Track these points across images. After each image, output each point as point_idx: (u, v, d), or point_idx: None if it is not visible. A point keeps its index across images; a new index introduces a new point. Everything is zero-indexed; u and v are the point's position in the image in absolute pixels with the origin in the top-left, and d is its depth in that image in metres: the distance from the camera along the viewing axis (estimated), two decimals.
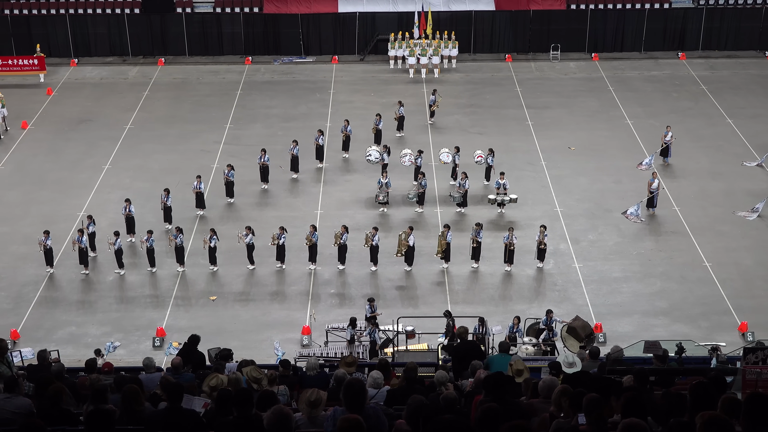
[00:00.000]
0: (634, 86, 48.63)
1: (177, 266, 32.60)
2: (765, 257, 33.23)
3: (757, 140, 41.30)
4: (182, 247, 32.48)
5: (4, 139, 42.68)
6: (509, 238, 32.24)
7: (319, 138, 39.56)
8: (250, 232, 32.49)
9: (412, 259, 32.54)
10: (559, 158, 40.41)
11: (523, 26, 53.14)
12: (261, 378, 15.19)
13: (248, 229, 32.56)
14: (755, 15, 52.87)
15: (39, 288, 31.82)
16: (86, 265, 32.35)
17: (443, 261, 32.69)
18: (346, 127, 40.47)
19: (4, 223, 35.52)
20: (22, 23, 52.61)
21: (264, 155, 37.70)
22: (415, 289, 31.93)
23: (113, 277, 32.36)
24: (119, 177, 39.12)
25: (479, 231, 32.52)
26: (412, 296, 31.43)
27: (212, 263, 32.61)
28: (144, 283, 32.27)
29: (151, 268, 32.52)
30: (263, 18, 53.28)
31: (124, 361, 25.96)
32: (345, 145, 40.48)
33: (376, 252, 32.51)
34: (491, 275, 32.50)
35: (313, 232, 32.42)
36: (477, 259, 32.66)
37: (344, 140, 40.44)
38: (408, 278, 32.35)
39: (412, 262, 32.58)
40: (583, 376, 12.39)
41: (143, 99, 47.44)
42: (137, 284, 32.24)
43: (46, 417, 11.41)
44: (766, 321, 29.25)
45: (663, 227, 35.13)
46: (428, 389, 14.63)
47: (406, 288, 31.90)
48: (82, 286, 32.14)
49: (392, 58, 51.24)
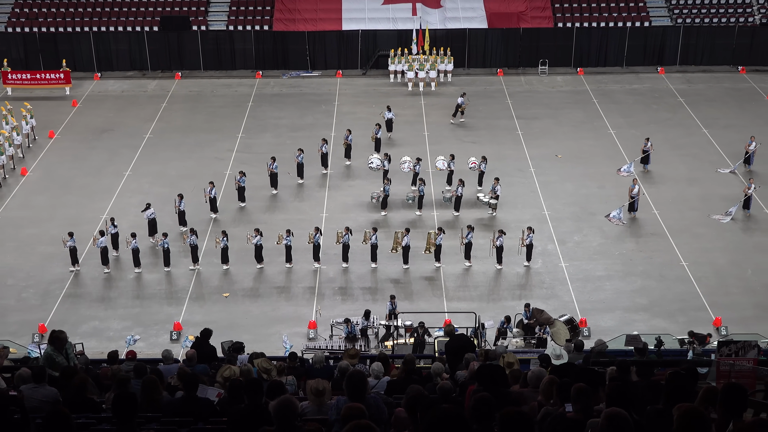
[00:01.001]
0: (617, 98, 48.62)
1: (191, 264, 32.62)
2: (738, 257, 33.22)
3: (731, 149, 41.28)
4: (196, 247, 32.49)
5: (33, 148, 42.67)
6: (496, 238, 32.28)
7: (323, 146, 39.55)
8: (259, 233, 32.49)
9: (407, 258, 32.61)
10: (547, 165, 40.40)
11: (513, 43, 53.13)
12: (270, 369, 15.21)
13: (257, 231, 32.57)
14: (729, 33, 52.89)
15: (65, 285, 31.81)
16: (107, 264, 32.37)
17: (435, 261, 32.69)
18: (348, 137, 40.48)
19: (32, 225, 35.51)
20: (50, 40, 52.63)
21: (273, 163, 37.70)
22: (411, 285, 31.86)
23: (133, 275, 32.37)
24: (139, 182, 39.12)
25: (470, 233, 32.50)
26: (409, 292, 31.31)
27: (224, 262, 32.60)
28: (162, 281, 32.26)
29: (166, 267, 32.51)
30: (272, 35, 53.31)
31: (143, 353, 25.88)
32: (347, 153, 40.47)
33: (375, 251, 32.53)
34: (484, 273, 32.47)
35: (316, 233, 32.42)
36: (469, 258, 32.65)
37: (346, 148, 40.44)
38: (405, 275, 32.33)
39: (407, 261, 32.62)
40: (569, 368, 12.39)
41: (161, 110, 47.44)
42: (155, 282, 32.22)
43: (72, 405, 11.40)
44: (739, 316, 29.26)
45: (643, 229, 35.13)
46: (425, 380, 14.62)
47: (403, 284, 31.83)
48: (105, 283, 32.13)
49: (392, 73, 51.22)
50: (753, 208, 35.95)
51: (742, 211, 35.74)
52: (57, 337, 15.16)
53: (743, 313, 29.64)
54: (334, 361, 19.11)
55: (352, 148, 40.42)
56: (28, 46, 52.37)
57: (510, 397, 10.80)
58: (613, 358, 17.84)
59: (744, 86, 50.21)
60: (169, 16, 53.72)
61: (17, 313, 30.26)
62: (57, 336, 15.16)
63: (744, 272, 32.29)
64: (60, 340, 15.16)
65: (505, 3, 53.87)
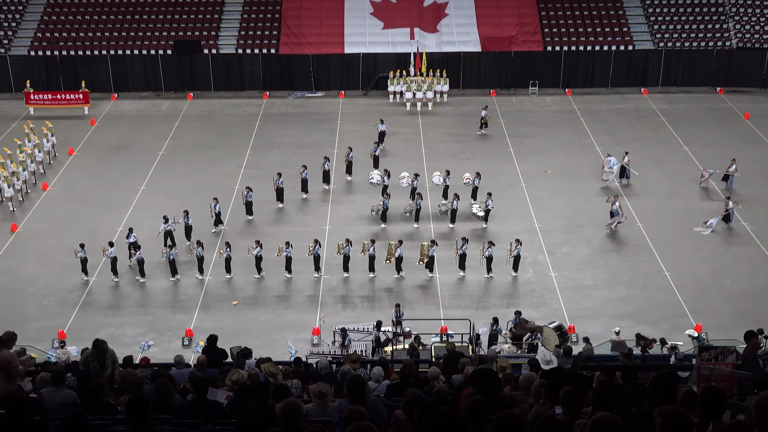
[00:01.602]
0: (603, 118, 48.69)
1: (197, 274, 32.59)
2: (717, 267, 33.22)
3: (710, 165, 41.25)
4: (202, 258, 32.47)
5: (54, 164, 42.70)
6: (486, 249, 32.29)
7: (325, 164, 39.56)
8: (259, 245, 32.48)
9: (400, 268, 32.62)
10: (537, 180, 40.43)
11: (505, 65, 53.23)
12: (277, 373, 15.20)
13: (257, 243, 32.56)
14: (707, 56, 53.02)
15: (83, 294, 31.81)
16: (116, 274, 32.32)
17: (428, 270, 32.66)
18: (349, 154, 40.54)
19: (52, 236, 35.50)
20: (70, 63, 52.73)
21: (279, 178, 37.74)
22: (407, 293, 31.78)
23: (147, 284, 32.34)
24: (153, 197, 39.14)
25: (464, 244, 32.50)
26: (406, 300, 31.18)
27: (227, 272, 32.57)
28: (174, 290, 32.23)
29: (172, 277, 32.48)
30: (279, 58, 53.42)
31: (157, 358, 25.81)
32: (348, 169, 40.52)
33: (372, 261, 32.53)
34: (477, 283, 32.45)
35: (315, 245, 32.38)
36: (463, 268, 32.63)
37: (347, 165, 40.49)
38: (401, 284, 32.29)
39: (400, 271, 32.61)
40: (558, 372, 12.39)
41: (174, 129, 47.50)
42: (168, 291, 32.20)
43: (89, 407, 11.40)
44: (718, 323, 29.19)
45: (628, 241, 35.12)
46: (423, 383, 14.61)
47: (398, 293, 31.74)
48: (121, 292, 32.11)
49: (391, 93, 51.30)
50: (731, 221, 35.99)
51: (722, 223, 35.75)
52: (98, 346, 15.68)
53: (722, 320, 29.58)
54: (337, 365, 19.10)
55: (353, 165, 40.47)
56: (49, 69, 52.46)
57: (502, 399, 10.79)
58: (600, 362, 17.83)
59: (722, 106, 50.29)
60: (182, 40, 53.86)
61: (38, 320, 30.22)
62: (98, 345, 15.66)
63: (723, 281, 32.27)
64: (99, 350, 15.63)
65: (497, 28, 54.03)
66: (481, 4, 55.07)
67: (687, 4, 55.83)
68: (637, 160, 41.06)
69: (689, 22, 54.99)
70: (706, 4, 55.86)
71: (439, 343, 26.47)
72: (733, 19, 55.04)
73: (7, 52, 53.36)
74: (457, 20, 54.41)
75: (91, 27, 54.85)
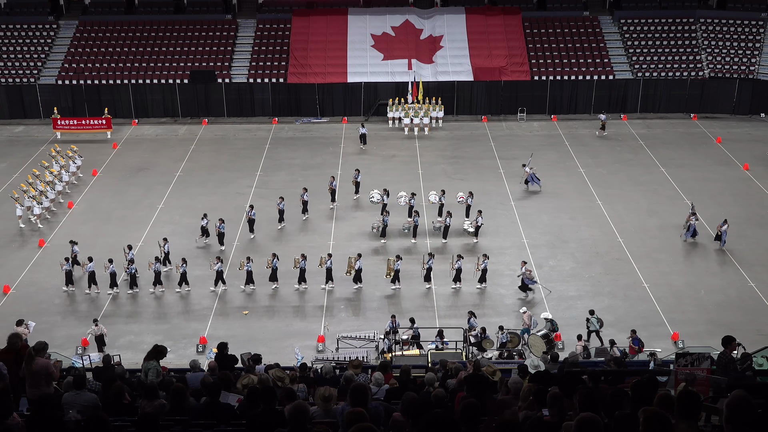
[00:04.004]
0: (586, 141, 48.75)
1: (212, 286, 32.51)
2: (692, 279, 33.15)
3: (686, 185, 41.42)
4: (221, 272, 32.38)
5: (78, 184, 42.72)
6: (481, 262, 32.25)
7: (333, 183, 39.57)
8: (275, 257, 32.40)
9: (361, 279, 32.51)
10: (525, 199, 40.41)
11: (496, 93, 53.34)
12: (284, 377, 15.12)
13: (274, 255, 32.49)
14: (682, 85, 53.15)
15: (104, 304, 31.73)
16: (135, 285, 32.23)
17: (392, 283, 32.40)
18: (357, 176, 40.53)
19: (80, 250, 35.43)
20: (94, 91, 52.84)
21: (281, 201, 37.44)
22: (403, 303, 31.71)
23: (161, 295, 32.27)
24: (171, 214, 39.12)
25: (459, 260, 32.44)
26: (404, 310, 31.05)
27: (248, 283, 32.42)
28: (189, 300, 32.16)
29: (178, 288, 32.33)
30: (287, 87, 53.54)
31: (173, 363, 25.75)
32: (357, 190, 40.46)
33: (359, 274, 32.38)
34: (471, 294, 32.36)
35: (329, 259, 32.27)
36: (458, 281, 32.55)
37: (355, 186, 40.41)
38: (398, 295, 32.19)
39: (360, 281, 32.48)
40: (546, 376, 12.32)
41: (190, 152, 47.55)
42: (184, 301, 32.12)
43: (110, 410, 11.34)
44: (694, 331, 29.13)
45: (609, 255, 35.07)
46: (419, 387, 14.54)
47: (396, 302, 31.69)
48: (139, 302, 32.01)
49: (390, 119, 51.38)
50: (701, 238, 35.94)
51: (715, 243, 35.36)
52: (160, 351, 15.78)
53: (697, 328, 29.51)
54: (340, 370, 19.01)
55: (360, 185, 40.46)
56: (75, 96, 52.58)
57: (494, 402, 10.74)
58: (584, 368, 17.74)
59: (696, 131, 50.36)
60: (198, 70, 54.01)
61: (63, 328, 30.13)
62: (160, 350, 15.77)
63: (698, 293, 32.19)
64: (161, 354, 15.72)
65: (488, 59, 54.18)
66: (473, 38, 55.23)
67: (663, 37, 56.02)
68: (618, 180, 41.12)
69: (665, 54, 55.16)
70: (681, 37, 56.05)
71: (434, 351, 26.42)
72: (705, 51, 55.21)
73: (36, 81, 53.53)
74: (452, 52, 54.56)
75: (114, 58, 55.02)
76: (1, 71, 54.16)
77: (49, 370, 12.67)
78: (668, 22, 56.80)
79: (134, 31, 56.76)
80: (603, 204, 39.66)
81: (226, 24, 57.54)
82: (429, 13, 56.76)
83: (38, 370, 12.44)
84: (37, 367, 12.51)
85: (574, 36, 56.52)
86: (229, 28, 57.26)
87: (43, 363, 12.71)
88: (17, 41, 55.97)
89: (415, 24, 55.96)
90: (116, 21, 57.44)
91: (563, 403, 9.18)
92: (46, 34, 56.60)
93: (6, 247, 35.15)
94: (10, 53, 55.24)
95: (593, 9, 58.90)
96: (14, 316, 28.88)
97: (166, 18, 57.80)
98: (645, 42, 55.86)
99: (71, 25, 57.38)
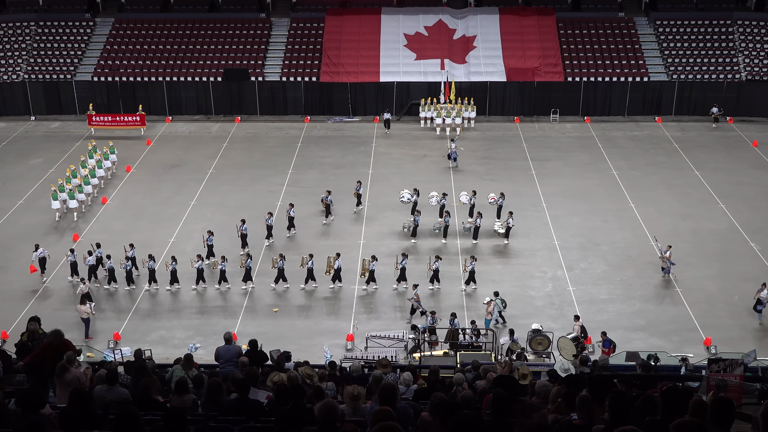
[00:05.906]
0: (619, 144, 48.34)
1: (242, 284, 32.66)
2: (725, 284, 32.74)
3: (720, 189, 40.91)
4: (249, 269, 32.53)
5: (113, 180, 43.20)
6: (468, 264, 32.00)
7: (359, 188, 39.28)
8: (311, 257, 32.47)
9: (339, 278, 32.38)
10: (557, 201, 40.18)
11: (528, 94, 53.08)
12: (313, 375, 15.15)
13: (310, 256, 32.55)
14: (718, 87, 52.48)
15: (137, 299, 32.04)
16: (155, 281, 32.41)
17: (366, 283, 32.31)
18: (358, 187, 39.14)
19: (110, 247, 35.55)
20: (129, 88, 53.40)
21: (291, 208, 36.97)
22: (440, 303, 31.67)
23: (194, 291, 32.50)
24: (202, 211, 39.41)
25: (473, 263, 32.15)
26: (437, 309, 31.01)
27: (283, 281, 32.57)
28: (220, 297, 32.36)
29: (218, 285, 32.60)
30: (320, 85, 53.70)
31: (203, 359, 25.93)
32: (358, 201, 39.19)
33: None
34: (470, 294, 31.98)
35: (373, 261, 32.16)
36: (472, 282, 32.18)
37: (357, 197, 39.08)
38: (434, 296, 32.11)
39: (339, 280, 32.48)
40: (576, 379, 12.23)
41: (223, 149, 47.86)
42: (214, 297, 32.34)
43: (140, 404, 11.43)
44: (727, 337, 28.79)
45: (641, 258, 34.74)
46: (448, 388, 14.51)
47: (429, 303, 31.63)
48: (171, 298, 32.28)
49: (422, 119, 51.33)
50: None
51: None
52: (188, 359, 15.79)
53: (730, 334, 29.16)
54: (369, 369, 19.02)
55: (362, 197, 39.37)
56: (110, 93, 53.16)
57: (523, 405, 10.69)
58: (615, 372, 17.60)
59: (731, 134, 49.72)
60: (231, 68, 54.34)
61: (96, 322, 30.43)
62: (189, 358, 15.80)
63: (731, 298, 31.80)
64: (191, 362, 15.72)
65: (521, 59, 53.90)
66: (506, 38, 54.99)
67: (699, 39, 55.37)
68: (651, 183, 40.78)
69: (701, 56, 54.52)
70: (717, 39, 55.36)
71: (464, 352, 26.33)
72: (742, 53, 54.47)
73: (72, 78, 54.20)
74: (485, 52, 54.36)
75: (148, 56, 55.55)
76: (39, 68, 54.92)
77: (82, 380, 12.64)
78: (705, 23, 56.15)
79: (169, 29, 57.27)
80: (635, 207, 39.30)
81: (259, 22, 57.83)
82: (462, 13, 56.59)
83: (70, 381, 12.44)
84: (69, 378, 12.53)
85: (608, 37, 56.06)
86: (262, 27, 57.54)
87: (75, 374, 12.69)
88: (54, 38, 56.72)
89: (448, 24, 55.83)
90: (151, 19, 57.98)
91: (593, 406, 9.10)
92: (82, 31, 57.29)
93: (42, 240, 35.61)
94: (47, 50, 56.01)
95: (628, 10, 58.37)
96: (47, 309, 29.25)
97: (201, 16, 58.23)
98: (681, 44, 55.24)
99: (107, 22, 58.03)
